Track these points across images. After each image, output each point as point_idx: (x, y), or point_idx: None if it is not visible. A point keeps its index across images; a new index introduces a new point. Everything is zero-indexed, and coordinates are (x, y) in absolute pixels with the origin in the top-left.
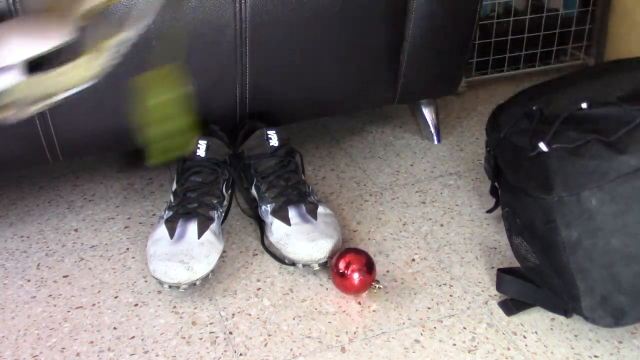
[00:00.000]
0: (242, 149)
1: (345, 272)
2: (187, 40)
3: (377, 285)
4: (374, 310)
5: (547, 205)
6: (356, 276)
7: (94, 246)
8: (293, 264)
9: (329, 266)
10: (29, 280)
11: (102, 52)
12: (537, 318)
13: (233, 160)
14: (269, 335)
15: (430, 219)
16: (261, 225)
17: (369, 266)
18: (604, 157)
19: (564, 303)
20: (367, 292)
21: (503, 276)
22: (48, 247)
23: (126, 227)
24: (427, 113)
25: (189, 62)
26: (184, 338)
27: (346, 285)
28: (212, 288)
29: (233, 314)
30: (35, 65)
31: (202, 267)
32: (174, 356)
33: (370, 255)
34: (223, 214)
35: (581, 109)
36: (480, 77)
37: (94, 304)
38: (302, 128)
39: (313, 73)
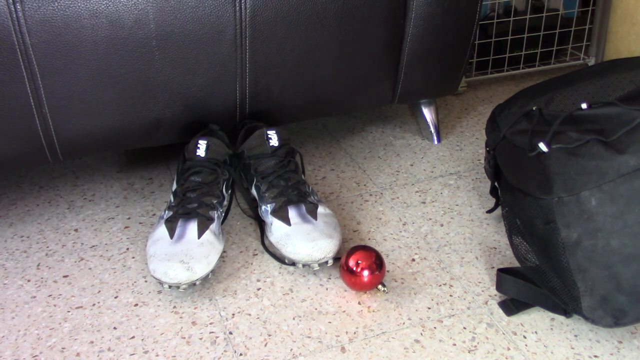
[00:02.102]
0: (242, 149)
1: (355, 269)
2: (187, 40)
3: (382, 288)
4: (374, 310)
5: (547, 206)
6: (366, 273)
7: (94, 246)
8: (293, 264)
9: (340, 264)
10: (29, 280)
11: None
12: (537, 318)
13: (233, 160)
14: (269, 335)
15: (430, 219)
16: (261, 225)
17: (378, 263)
18: (603, 157)
19: (563, 303)
20: (371, 290)
21: (503, 276)
22: (48, 247)
23: (126, 227)
24: (427, 113)
25: (189, 62)
26: (184, 338)
27: (356, 283)
28: (212, 288)
29: (233, 314)
30: None
31: (202, 267)
32: (174, 356)
33: (380, 252)
34: (223, 214)
35: (581, 109)
36: (480, 77)
37: (94, 304)
38: (302, 128)
39: (313, 73)
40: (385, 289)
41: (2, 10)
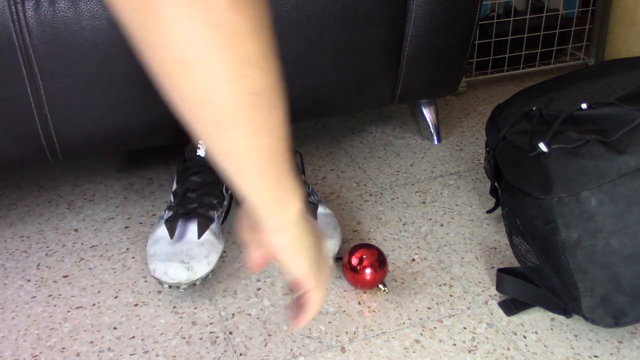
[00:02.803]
0: None
1: (358, 267)
2: None
3: (383, 288)
4: (374, 310)
5: (547, 206)
6: (368, 271)
7: (94, 246)
8: None
9: (342, 262)
10: (29, 280)
11: None
12: (537, 318)
13: None
14: (269, 335)
15: (430, 219)
16: None
17: (381, 260)
18: (603, 157)
19: (563, 303)
20: (372, 290)
21: (503, 276)
22: (48, 247)
23: (126, 227)
24: (427, 113)
25: None
26: (184, 338)
27: (358, 280)
28: (212, 288)
29: (233, 314)
30: None
31: (202, 267)
32: (174, 356)
33: (382, 251)
34: (223, 214)
35: (581, 109)
36: (480, 77)
37: (94, 304)
38: (302, 128)
39: (313, 73)
40: (386, 289)
41: (3, 11)
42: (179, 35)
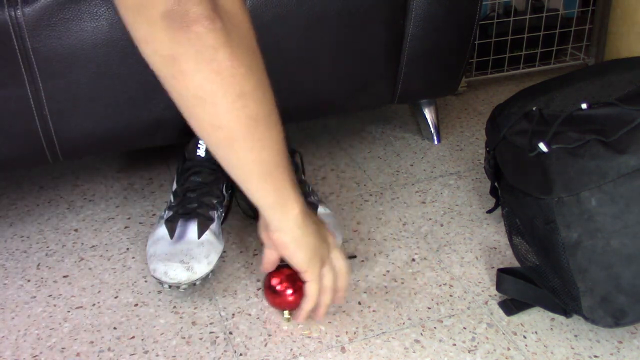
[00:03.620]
0: None
1: (279, 289)
2: None
3: (287, 316)
4: (374, 310)
5: (547, 206)
6: (289, 292)
7: (94, 246)
8: None
9: (263, 284)
10: (29, 280)
11: None
12: (537, 318)
13: None
14: (269, 335)
15: (430, 219)
16: None
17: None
18: (603, 157)
19: (563, 303)
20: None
21: (503, 276)
22: (48, 247)
23: (126, 227)
24: (427, 113)
25: None
26: (184, 338)
27: (278, 302)
28: (212, 288)
29: (233, 314)
30: None
31: (202, 267)
32: (174, 356)
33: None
34: (223, 214)
35: (581, 109)
36: (480, 77)
37: (94, 304)
38: (302, 128)
39: (313, 73)
40: (290, 316)
41: (2, 13)
42: (194, 80)
